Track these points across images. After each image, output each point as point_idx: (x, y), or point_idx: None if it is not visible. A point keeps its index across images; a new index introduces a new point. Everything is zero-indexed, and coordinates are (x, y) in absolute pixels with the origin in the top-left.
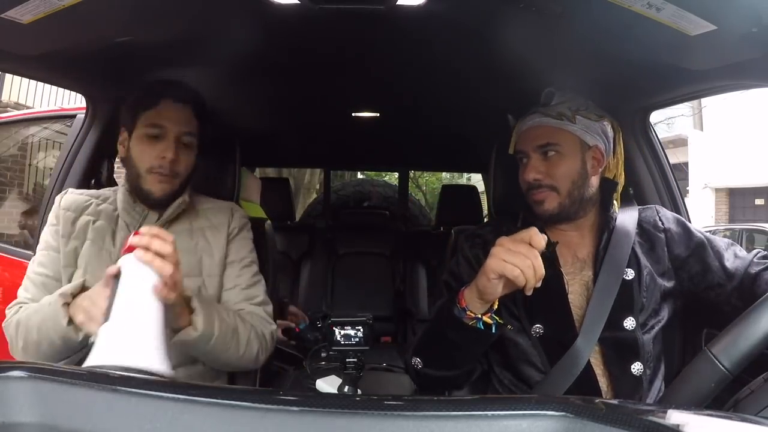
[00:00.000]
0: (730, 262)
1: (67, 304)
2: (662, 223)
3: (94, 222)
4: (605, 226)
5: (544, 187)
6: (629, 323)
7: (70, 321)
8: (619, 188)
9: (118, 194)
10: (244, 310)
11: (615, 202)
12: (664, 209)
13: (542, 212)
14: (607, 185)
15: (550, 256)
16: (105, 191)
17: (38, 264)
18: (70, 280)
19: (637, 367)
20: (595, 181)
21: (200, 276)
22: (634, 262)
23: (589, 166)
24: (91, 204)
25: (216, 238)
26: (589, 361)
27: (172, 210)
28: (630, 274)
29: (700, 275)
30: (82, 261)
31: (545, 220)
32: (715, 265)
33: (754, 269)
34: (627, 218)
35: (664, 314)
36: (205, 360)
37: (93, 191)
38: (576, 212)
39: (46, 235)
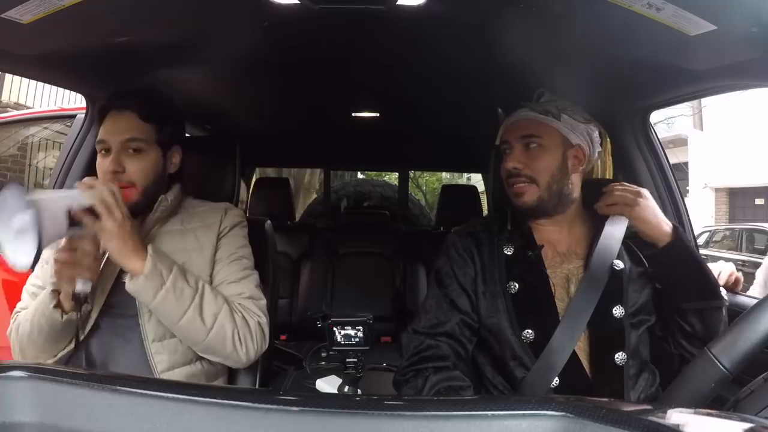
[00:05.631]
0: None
1: (57, 291)
2: None
3: None
4: (593, 221)
5: (523, 177)
6: (618, 311)
7: (57, 305)
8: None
9: None
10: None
11: None
12: None
13: (521, 204)
14: (590, 186)
15: (535, 259)
16: None
17: (34, 276)
18: None
19: (620, 357)
20: (576, 179)
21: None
22: (625, 256)
23: (570, 163)
24: None
25: (207, 236)
26: (574, 351)
27: (158, 213)
28: (620, 265)
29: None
30: None
31: (524, 212)
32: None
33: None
34: (617, 217)
35: (653, 313)
36: (173, 330)
37: None
38: (555, 207)
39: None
